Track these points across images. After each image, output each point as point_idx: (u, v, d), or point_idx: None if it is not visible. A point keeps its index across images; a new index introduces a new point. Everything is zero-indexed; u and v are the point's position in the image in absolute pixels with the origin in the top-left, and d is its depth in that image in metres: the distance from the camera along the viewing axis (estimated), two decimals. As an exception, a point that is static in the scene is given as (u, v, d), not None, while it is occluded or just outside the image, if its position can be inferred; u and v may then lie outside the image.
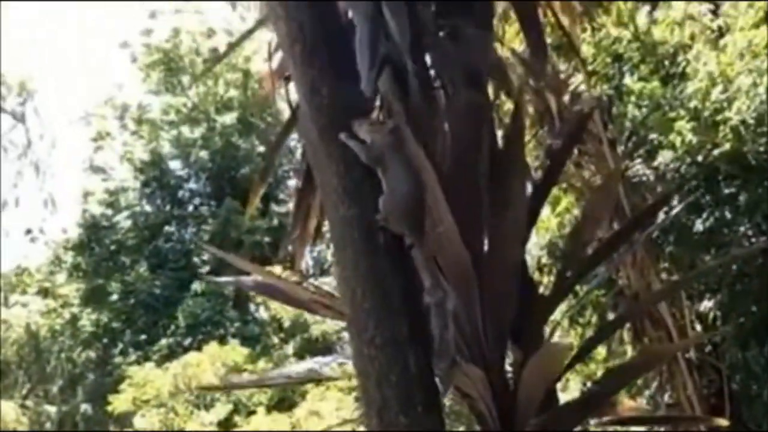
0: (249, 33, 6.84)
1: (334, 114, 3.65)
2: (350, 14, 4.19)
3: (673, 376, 11.02)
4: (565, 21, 8.10)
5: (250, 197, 8.88)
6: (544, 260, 12.47)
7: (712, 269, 9.83)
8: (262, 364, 18.01)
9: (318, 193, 4.72)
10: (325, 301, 4.57)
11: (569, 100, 11.37)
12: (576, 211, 12.42)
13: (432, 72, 4.58)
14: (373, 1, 4.04)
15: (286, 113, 5.33)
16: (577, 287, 7.51)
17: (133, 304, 23.88)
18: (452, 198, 4.06)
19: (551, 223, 12.50)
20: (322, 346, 20.54)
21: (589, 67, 11.46)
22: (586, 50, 11.47)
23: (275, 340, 21.41)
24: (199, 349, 18.32)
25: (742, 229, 10.65)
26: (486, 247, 4.42)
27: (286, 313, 20.61)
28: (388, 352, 3.61)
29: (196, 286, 22.44)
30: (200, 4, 27.29)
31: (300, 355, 19.69)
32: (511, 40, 7.98)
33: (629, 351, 12.04)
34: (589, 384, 11.97)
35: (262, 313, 23.10)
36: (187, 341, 21.53)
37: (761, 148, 10.32)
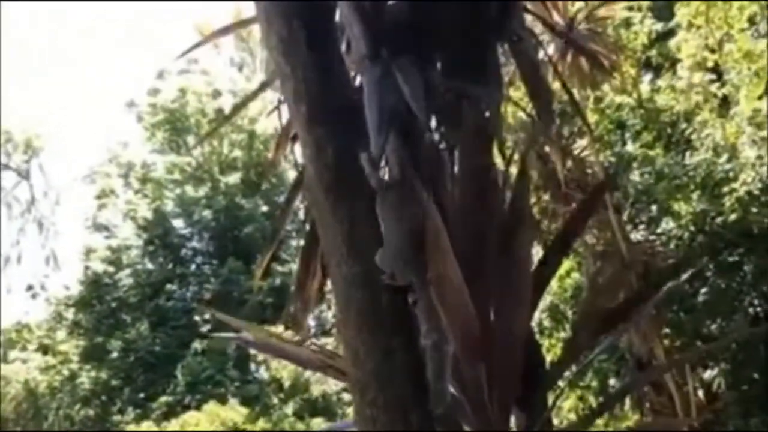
0: (255, 93, 6.88)
1: (339, 173, 3.65)
2: (356, 74, 4.21)
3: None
4: (571, 87, 8.17)
5: (259, 260, 8.90)
6: (545, 323, 12.42)
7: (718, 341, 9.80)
8: (261, 423, 17.88)
9: (321, 252, 4.70)
10: (327, 360, 4.53)
11: (573, 166, 11.41)
12: (576, 275, 12.41)
13: (438, 133, 4.58)
14: (381, 62, 4.06)
15: (289, 174, 5.33)
16: (583, 354, 7.47)
17: (133, 361, 23.78)
18: (460, 263, 4.04)
19: (553, 286, 12.47)
20: (322, 407, 20.42)
21: (593, 134, 11.51)
22: (590, 116, 11.53)
23: (275, 400, 21.24)
24: (198, 408, 18.21)
25: (747, 298, 10.62)
26: (493, 313, 4.39)
27: (287, 373, 20.49)
28: (390, 413, 3.57)
29: (197, 344, 22.34)
30: (207, 65, 27.58)
31: (300, 415, 19.56)
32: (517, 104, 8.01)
33: (630, 414, 11.94)
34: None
35: (263, 373, 22.99)
36: (187, 400, 21.39)
37: (766, 219, 10.33)
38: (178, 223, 26.61)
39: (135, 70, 35.84)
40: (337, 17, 4.45)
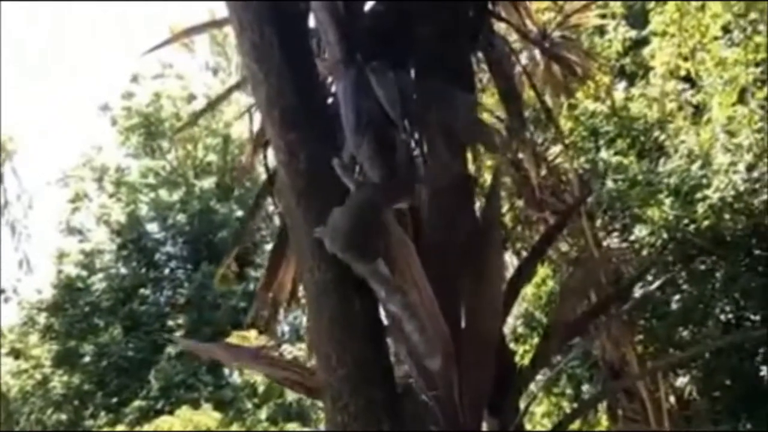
0: (227, 94, 6.88)
1: (311, 179, 3.64)
2: (330, 80, 4.21)
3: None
4: (545, 94, 8.21)
5: (223, 261, 8.87)
6: (520, 330, 12.45)
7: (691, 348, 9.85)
8: (235, 428, 17.79)
9: (293, 257, 4.69)
10: (296, 378, 4.51)
11: (547, 173, 11.45)
12: (551, 283, 12.45)
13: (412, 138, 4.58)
14: (356, 67, 4.06)
15: (264, 178, 5.31)
16: (555, 360, 7.51)
17: (106, 366, 23.59)
18: (430, 268, 4.05)
19: (527, 293, 12.51)
20: (297, 412, 20.34)
21: (566, 141, 11.55)
22: (564, 124, 11.57)
23: (249, 405, 21.13)
24: (171, 412, 18.06)
25: (719, 305, 10.67)
26: (464, 319, 4.40)
27: (260, 378, 20.41)
28: (362, 419, 3.57)
29: (170, 349, 22.21)
30: (182, 70, 27.48)
31: (274, 420, 19.48)
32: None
33: (603, 420, 12.00)
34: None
35: (236, 378, 22.86)
36: (160, 404, 21.23)
37: (739, 226, 10.39)
38: (152, 228, 26.45)
39: (109, 73, 35.59)
40: (310, 23, 4.45)
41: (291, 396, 20.48)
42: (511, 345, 11.77)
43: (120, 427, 18.24)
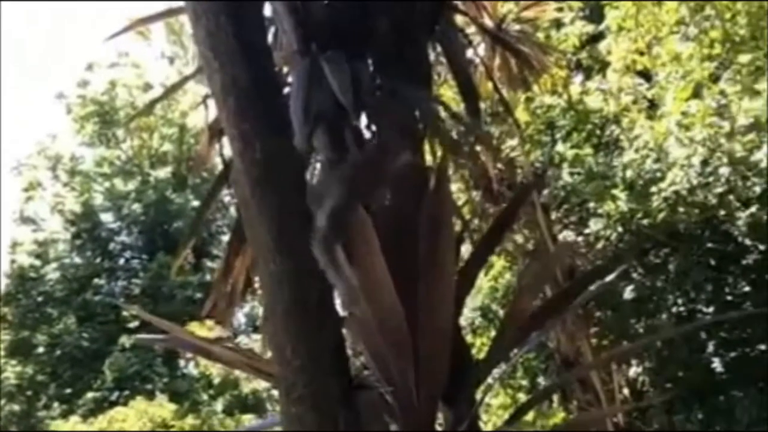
0: (183, 82, 6.84)
1: (267, 169, 3.62)
2: (285, 69, 4.19)
3: (601, 441, 11.05)
4: (501, 87, 8.22)
5: (179, 251, 8.80)
6: (477, 322, 12.51)
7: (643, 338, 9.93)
8: (190, 420, 17.70)
9: (249, 248, 4.67)
10: (249, 362, 4.50)
11: (504, 165, 11.50)
12: (508, 275, 12.51)
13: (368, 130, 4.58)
14: (311, 57, 4.04)
15: (220, 168, 5.28)
16: (512, 352, 7.53)
17: (59, 356, 23.43)
18: (386, 261, 4.04)
19: (485, 286, 12.56)
20: (252, 404, 20.30)
21: (523, 134, 11.60)
22: (521, 117, 11.61)
23: (204, 396, 21.06)
24: (125, 404, 17.96)
25: (670, 297, 10.77)
26: (420, 311, 4.40)
27: (216, 369, 20.33)
28: (316, 411, 3.55)
29: (125, 339, 22.07)
30: (138, 59, 27.26)
31: (229, 412, 19.42)
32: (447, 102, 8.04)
33: (557, 411, 12.08)
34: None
35: (192, 369, 22.77)
36: (114, 396, 21.14)
37: (693, 219, 10.49)
38: (106, 217, 26.27)
39: (65, 61, 35.23)
40: (266, 12, 4.42)
41: (247, 387, 20.44)
42: (469, 337, 11.84)
43: (73, 419, 18.11)
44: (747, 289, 10.47)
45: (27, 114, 34.17)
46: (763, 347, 10.56)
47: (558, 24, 11.93)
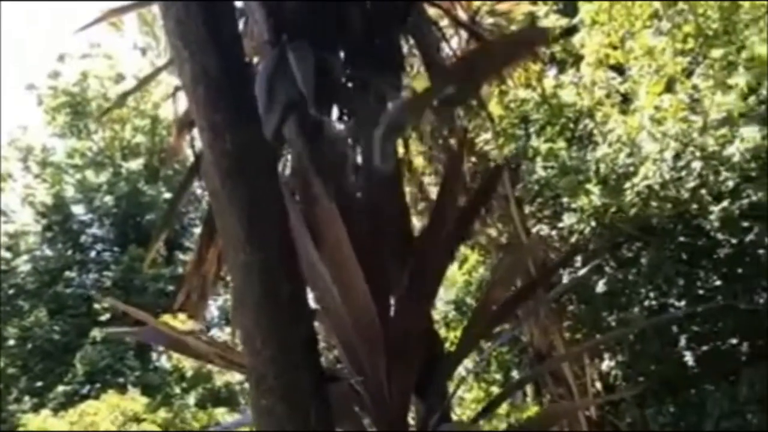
0: (155, 74, 6.79)
1: (237, 160, 3.58)
2: (256, 59, 4.16)
3: (574, 434, 11.09)
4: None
5: (151, 244, 8.75)
6: (451, 316, 12.53)
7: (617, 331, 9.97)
8: (162, 413, 17.61)
9: (219, 239, 4.64)
10: (223, 351, 4.48)
11: (478, 158, 11.50)
12: (482, 269, 12.53)
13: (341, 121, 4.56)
14: (281, 48, 4.01)
15: (192, 160, 5.24)
16: (485, 346, 7.55)
17: (30, 349, 23.27)
18: (359, 253, 4.03)
19: (459, 280, 12.58)
20: (225, 397, 20.23)
21: (497, 127, 11.60)
22: (494, 110, 11.61)
23: (177, 389, 20.97)
24: (97, 397, 17.85)
25: (643, 291, 10.81)
26: (392, 304, 4.39)
27: (189, 362, 20.25)
28: (287, 403, 3.52)
29: (96, 332, 21.94)
30: (110, 50, 27.09)
31: (202, 405, 19.35)
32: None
33: (531, 405, 12.13)
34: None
35: (164, 362, 22.68)
36: (85, 389, 21.01)
37: (665, 213, 10.53)
38: (78, 209, 26.10)
39: (36, 52, 35.00)
40: (237, 2, 4.39)
41: (220, 380, 20.38)
42: (442, 331, 11.87)
43: (44, 412, 17.95)
44: (718, 283, 10.53)
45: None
46: (734, 341, 10.64)
47: (532, 17, 11.93)
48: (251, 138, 3.63)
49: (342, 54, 4.66)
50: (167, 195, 25.02)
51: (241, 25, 4.68)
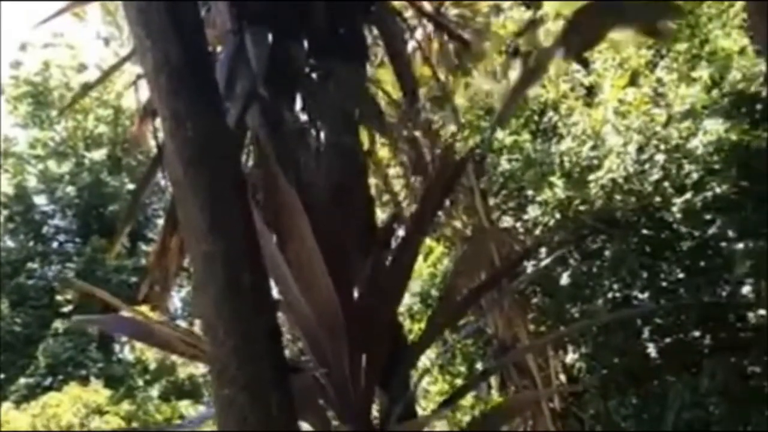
0: (119, 64, 6.72)
1: (199, 148, 3.55)
2: (219, 48, 4.13)
3: (537, 425, 11.12)
4: (440, 72, 8.20)
5: (116, 236, 8.68)
6: (416, 308, 12.53)
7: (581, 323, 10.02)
8: (125, 406, 17.54)
9: (182, 230, 4.59)
10: (191, 341, 4.44)
11: (442, 150, 11.49)
12: (447, 261, 12.54)
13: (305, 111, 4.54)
14: (241, 36, 3.98)
15: (155, 150, 5.20)
16: (449, 337, 7.57)
17: (-8, 341, 23.10)
18: (322, 243, 4.01)
19: (424, 272, 12.58)
20: (189, 390, 20.18)
21: (462, 119, 11.60)
22: (459, 102, 11.61)
23: (140, 382, 20.87)
24: (59, 389, 17.75)
25: (606, 283, 10.86)
26: (355, 295, 4.38)
27: (152, 354, 20.17)
28: (249, 393, 3.49)
29: (58, 324, 21.79)
30: (72, 39, 26.90)
31: (165, 398, 19.28)
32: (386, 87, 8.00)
33: (496, 397, 12.15)
34: (456, 430, 12.05)
35: (127, 354, 22.58)
36: (48, 381, 20.87)
37: (629, 207, 10.58)
38: (40, 200, 25.93)
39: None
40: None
41: (183, 373, 20.32)
42: (407, 323, 11.87)
43: (6, 405, 17.81)
44: (681, 275, 10.59)
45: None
46: (696, 333, 10.71)
47: (497, 9, 11.92)
48: (213, 126, 3.60)
49: (306, 43, 4.64)
50: (130, 186, 24.90)
51: (203, 14, 4.64)
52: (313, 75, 4.59)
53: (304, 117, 4.60)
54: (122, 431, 12.70)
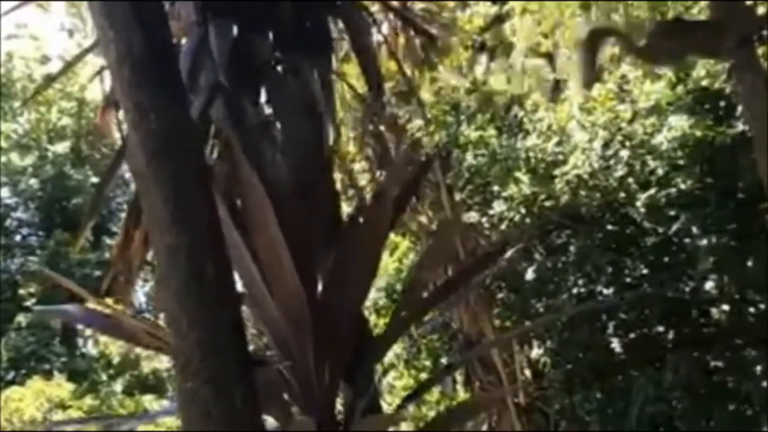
0: (82, 55, 6.66)
1: (163, 140, 3.52)
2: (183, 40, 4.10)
3: (503, 420, 11.17)
4: (406, 67, 8.19)
5: (80, 229, 8.60)
6: (381, 302, 12.52)
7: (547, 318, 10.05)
8: (89, 400, 17.40)
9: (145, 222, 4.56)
10: (156, 333, 4.41)
11: (408, 145, 11.50)
12: (413, 256, 12.54)
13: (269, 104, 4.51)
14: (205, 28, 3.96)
15: (119, 143, 5.15)
16: (414, 332, 7.57)
17: (-47, 335, 22.84)
18: (287, 237, 3.99)
19: (389, 267, 12.57)
20: (153, 384, 20.06)
21: (428, 115, 11.61)
22: (426, 98, 11.62)
23: (104, 376, 20.72)
24: (22, 384, 17.57)
25: (571, 278, 10.90)
26: (320, 289, 4.37)
27: (116, 348, 20.03)
28: (212, 386, 3.47)
29: (21, 318, 21.59)
30: (36, 31, 26.64)
31: (129, 392, 19.16)
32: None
33: (461, 393, 12.17)
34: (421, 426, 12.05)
35: (91, 349, 22.40)
36: (10, 375, 20.64)
37: (594, 202, 10.63)
38: (3, 193, 25.61)
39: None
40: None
41: (147, 367, 20.20)
42: (372, 318, 11.85)
43: (-32, 400, 17.63)
44: (645, 271, 10.66)
45: None
46: (660, 328, 10.78)
47: (464, 4, 11.95)
48: (177, 118, 3.57)
49: (271, 36, 4.61)
50: (94, 179, 24.68)
51: (168, 6, 4.60)
52: (278, 68, 4.57)
53: (268, 110, 4.58)
54: (84, 420, 12.58)
